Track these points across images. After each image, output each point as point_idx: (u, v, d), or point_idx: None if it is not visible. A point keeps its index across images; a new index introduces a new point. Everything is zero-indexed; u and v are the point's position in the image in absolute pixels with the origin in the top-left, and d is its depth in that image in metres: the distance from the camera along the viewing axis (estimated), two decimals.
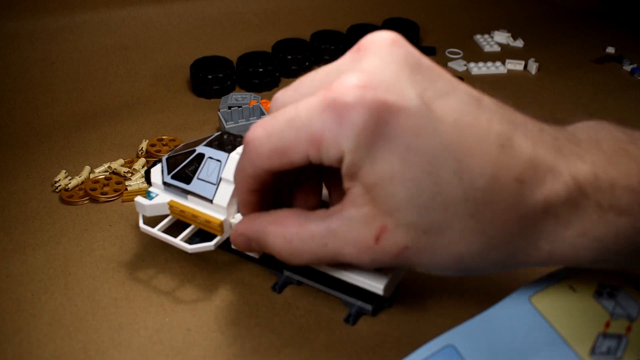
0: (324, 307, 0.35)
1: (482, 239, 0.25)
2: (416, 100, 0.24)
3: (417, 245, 0.26)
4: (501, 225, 0.25)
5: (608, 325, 0.29)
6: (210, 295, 0.36)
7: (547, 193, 0.25)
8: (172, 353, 0.33)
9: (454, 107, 0.25)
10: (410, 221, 0.25)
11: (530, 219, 0.25)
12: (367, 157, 0.25)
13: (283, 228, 0.29)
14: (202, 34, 0.70)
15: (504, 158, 0.25)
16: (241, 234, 0.31)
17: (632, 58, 0.71)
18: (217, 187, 0.35)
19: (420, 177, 0.24)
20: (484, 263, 0.26)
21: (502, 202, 0.25)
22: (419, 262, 0.27)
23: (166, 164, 0.37)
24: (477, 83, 0.65)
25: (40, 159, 0.51)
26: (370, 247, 0.26)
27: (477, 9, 0.84)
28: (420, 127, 0.24)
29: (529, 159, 0.25)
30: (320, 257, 0.28)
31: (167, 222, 0.37)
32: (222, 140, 0.37)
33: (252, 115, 0.52)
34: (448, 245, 0.26)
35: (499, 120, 0.25)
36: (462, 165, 0.24)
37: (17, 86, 0.59)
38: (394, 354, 0.32)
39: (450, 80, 0.26)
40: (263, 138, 0.27)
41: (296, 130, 0.25)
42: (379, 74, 0.25)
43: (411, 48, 0.26)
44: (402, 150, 0.24)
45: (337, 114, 0.24)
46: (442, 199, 0.24)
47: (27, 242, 0.41)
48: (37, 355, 0.33)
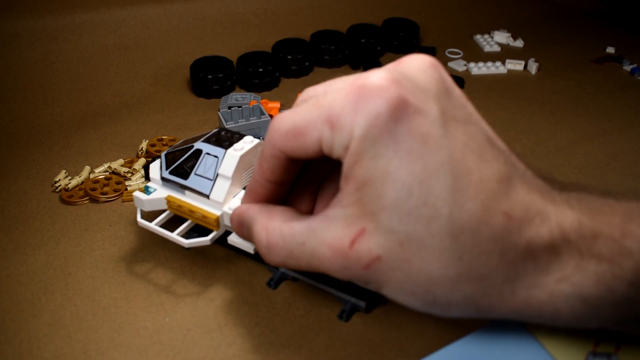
0: (323, 307, 0.35)
1: (459, 266, 0.25)
2: (434, 112, 0.25)
3: (390, 256, 0.25)
4: (480, 256, 0.25)
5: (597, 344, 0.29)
6: (210, 292, 0.36)
7: (532, 234, 0.25)
8: (172, 353, 0.33)
9: (468, 134, 0.25)
10: (389, 226, 0.25)
11: (510, 257, 0.25)
12: (370, 150, 0.25)
13: (268, 220, 0.29)
14: (202, 34, 0.70)
15: (499, 191, 0.25)
16: (237, 215, 0.32)
17: (632, 58, 0.71)
18: (214, 182, 0.35)
19: (412, 183, 0.24)
20: (454, 296, 0.26)
21: (486, 232, 0.25)
22: (388, 280, 0.26)
23: (165, 160, 0.38)
24: (477, 83, 0.65)
25: (40, 159, 0.51)
26: (343, 251, 0.26)
27: (477, 9, 0.84)
28: (429, 136, 0.24)
29: (522, 199, 0.25)
30: (295, 257, 0.28)
31: (165, 217, 0.37)
32: (220, 136, 0.37)
33: (252, 115, 0.52)
34: (422, 264, 0.25)
35: (504, 161, 0.26)
36: (457, 184, 0.24)
37: (17, 86, 0.59)
38: (393, 354, 0.33)
39: (472, 113, 0.27)
40: (286, 116, 0.27)
41: (318, 109, 0.26)
42: (410, 80, 0.26)
43: (446, 74, 0.27)
44: (405, 153, 0.24)
45: (357, 98, 0.25)
46: (428, 212, 0.24)
47: (27, 242, 0.41)
48: (37, 355, 0.33)
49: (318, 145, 0.26)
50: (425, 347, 0.32)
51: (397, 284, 0.26)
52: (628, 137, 0.56)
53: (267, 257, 0.29)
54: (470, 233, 0.24)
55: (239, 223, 0.32)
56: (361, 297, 0.35)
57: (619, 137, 0.56)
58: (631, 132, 0.57)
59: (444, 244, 0.25)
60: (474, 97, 0.68)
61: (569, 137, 0.55)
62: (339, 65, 0.69)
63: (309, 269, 0.28)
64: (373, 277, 0.26)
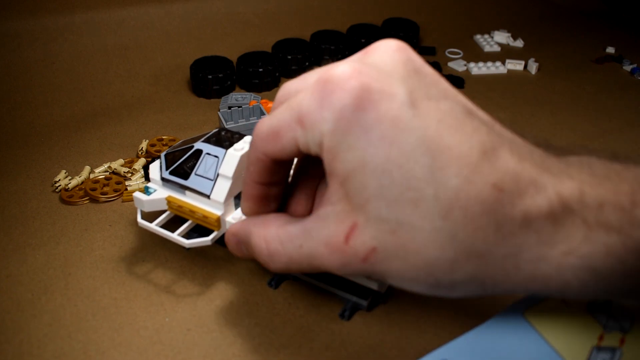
0: (324, 307, 0.35)
1: (455, 245, 0.24)
2: (402, 94, 0.24)
3: (385, 246, 0.25)
4: (475, 232, 0.24)
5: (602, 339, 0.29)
6: (210, 292, 0.36)
7: (527, 205, 0.24)
8: (172, 353, 0.33)
9: (442, 110, 0.25)
10: (378, 215, 0.25)
11: (507, 230, 0.24)
12: (343, 143, 0.24)
13: (264, 229, 0.29)
14: (202, 34, 0.70)
15: (484, 164, 0.24)
16: (233, 235, 0.31)
17: (632, 58, 0.71)
18: (215, 183, 0.35)
19: (392, 169, 0.24)
20: (457, 276, 0.25)
21: (476, 207, 0.24)
22: (388, 269, 0.26)
23: (164, 160, 0.38)
24: (477, 83, 0.65)
25: (40, 159, 0.51)
26: (340, 247, 0.26)
27: (477, 9, 0.84)
28: (399, 119, 0.24)
29: (512, 169, 0.24)
30: (296, 261, 0.28)
31: (165, 218, 0.38)
32: (220, 136, 0.37)
33: (252, 115, 0.52)
34: (418, 248, 0.25)
35: (487, 131, 0.25)
36: (436, 163, 0.24)
37: (17, 86, 0.59)
38: (393, 354, 0.33)
39: (446, 89, 0.26)
40: (265, 120, 0.28)
41: (290, 110, 0.26)
42: (374, 68, 0.25)
43: (414, 55, 0.27)
44: (377, 140, 0.24)
45: (322, 94, 0.25)
46: (413, 195, 0.24)
47: (27, 242, 0.41)
48: (37, 355, 0.33)
49: (295, 145, 0.26)
50: (425, 347, 0.32)
51: (398, 272, 0.26)
52: (628, 137, 0.56)
53: (270, 266, 0.29)
54: (460, 210, 0.24)
55: (236, 242, 0.31)
56: (362, 296, 0.35)
57: (619, 137, 0.56)
58: (631, 132, 0.57)
59: (435, 225, 0.24)
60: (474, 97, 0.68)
61: (569, 137, 0.55)
62: None
63: (311, 270, 0.28)
64: (373, 268, 0.26)
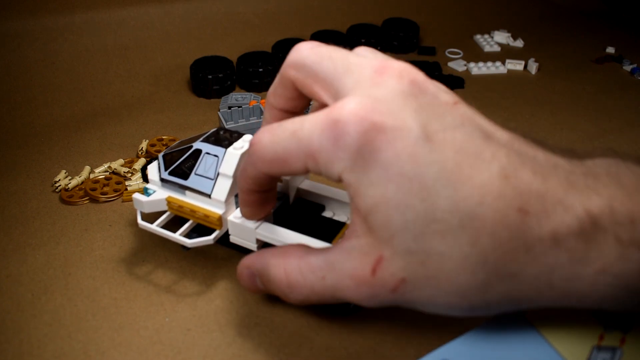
0: (324, 307, 0.35)
1: (487, 269, 0.24)
2: (415, 129, 0.24)
3: (415, 276, 0.25)
4: (505, 255, 0.24)
5: (602, 338, 0.29)
6: (210, 292, 0.36)
7: (556, 224, 0.24)
8: (172, 353, 0.33)
9: (458, 139, 0.25)
10: (406, 248, 0.25)
11: (538, 250, 0.24)
12: (363, 179, 0.25)
13: (284, 260, 0.29)
14: (202, 34, 0.70)
15: (506, 188, 0.24)
16: (247, 267, 0.31)
17: (632, 58, 0.71)
18: (215, 182, 0.35)
19: (415, 203, 0.24)
20: (490, 296, 0.25)
21: (504, 232, 0.24)
22: (419, 297, 0.26)
23: (162, 161, 0.38)
24: (477, 83, 0.65)
25: (40, 159, 0.51)
26: (367, 280, 0.26)
27: (477, 9, 0.84)
28: (417, 154, 0.24)
29: (536, 191, 0.24)
30: (318, 293, 0.28)
31: (165, 219, 0.37)
32: (219, 136, 0.37)
33: (252, 115, 0.52)
34: (449, 276, 0.25)
35: (506, 154, 0.25)
36: (458, 194, 0.24)
37: (17, 86, 0.59)
38: (394, 354, 0.33)
39: (462, 114, 0.26)
40: (268, 144, 0.27)
41: (297, 142, 0.26)
42: (384, 104, 0.25)
43: (425, 82, 0.26)
44: (397, 176, 0.24)
45: (334, 135, 0.25)
46: (439, 227, 0.24)
47: (27, 242, 0.41)
48: (37, 355, 0.33)
49: (305, 170, 0.27)
50: (425, 347, 0.32)
51: (429, 299, 0.26)
52: (628, 137, 0.56)
53: (289, 297, 0.29)
54: (488, 237, 0.24)
55: (249, 275, 0.31)
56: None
57: (619, 137, 0.56)
58: (631, 132, 0.57)
59: (464, 252, 0.24)
60: (474, 97, 0.68)
61: (569, 137, 0.55)
62: None
63: (334, 301, 0.28)
64: (403, 298, 0.26)
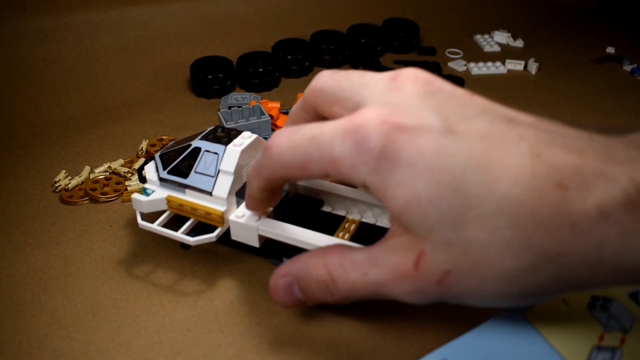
0: (324, 307, 0.35)
1: (532, 251, 0.24)
2: (436, 124, 0.25)
3: (459, 267, 0.25)
4: (549, 234, 0.23)
5: (602, 338, 0.29)
6: (210, 292, 0.36)
7: (599, 197, 0.23)
8: (172, 353, 0.33)
9: (481, 126, 0.25)
10: (446, 240, 0.25)
11: (584, 226, 0.23)
12: (390, 180, 0.25)
13: (325, 258, 0.29)
14: (202, 34, 0.70)
15: (540, 166, 0.24)
16: (283, 276, 0.30)
17: (632, 58, 0.71)
18: (216, 179, 0.35)
19: (447, 194, 0.24)
20: (541, 280, 0.24)
21: (544, 210, 0.23)
22: (466, 289, 0.25)
23: (160, 160, 0.38)
24: (477, 83, 0.65)
25: (40, 159, 0.51)
26: (410, 274, 0.26)
27: (477, 9, 0.84)
28: (441, 147, 0.24)
29: (573, 164, 0.24)
30: (361, 289, 0.28)
31: (165, 218, 0.37)
32: (217, 133, 0.37)
33: (252, 115, 0.52)
34: (495, 262, 0.24)
35: (534, 134, 0.25)
36: (490, 178, 0.24)
37: (17, 86, 0.59)
38: (394, 354, 0.33)
39: (482, 104, 0.27)
40: (286, 149, 0.27)
41: (318, 149, 0.26)
42: (403, 106, 0.26)
43: (443, 86, 0.27)
44: (424, 171, 0.24)
45: (356, 139, 0.25)
46: (475, 213, 0.24)
47: (27, 242, 0.41)
48: (37, 355, 0.33)
49: (324, 175, 0.27)
50: (425, 346, 0.32)
51: (477, 289, 0.25)
52: None
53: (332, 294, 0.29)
54: (528, 217, 0.23)
55: (286, 285, 0.30)
56: None
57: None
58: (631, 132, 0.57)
59: (506, 237, 0.24)
60: None
61: None
62: (339, 65, 0.69)
63: (376, 297, 0.28)
64: (450, 290, 0.26)
